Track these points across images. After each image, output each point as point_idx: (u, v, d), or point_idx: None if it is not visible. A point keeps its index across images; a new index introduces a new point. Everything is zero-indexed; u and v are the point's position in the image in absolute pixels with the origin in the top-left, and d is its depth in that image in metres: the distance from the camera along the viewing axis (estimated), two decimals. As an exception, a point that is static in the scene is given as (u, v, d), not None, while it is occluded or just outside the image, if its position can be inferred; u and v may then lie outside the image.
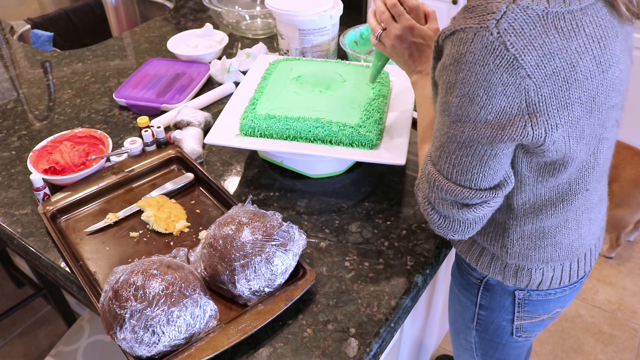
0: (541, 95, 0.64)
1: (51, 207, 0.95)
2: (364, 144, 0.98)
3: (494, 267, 0.91)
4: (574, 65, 0.65)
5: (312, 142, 0.99)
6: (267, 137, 1.00)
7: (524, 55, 0.62)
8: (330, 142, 0.99)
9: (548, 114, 0.65)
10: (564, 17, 0.64)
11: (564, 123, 0.67)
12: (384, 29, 0.92)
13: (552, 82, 0.64)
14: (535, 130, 0.66)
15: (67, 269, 0.89)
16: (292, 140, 0.99)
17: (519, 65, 0.62)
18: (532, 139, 0.67)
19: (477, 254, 0.92)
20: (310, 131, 0.99)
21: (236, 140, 1.00)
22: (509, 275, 0.90)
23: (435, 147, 0.74)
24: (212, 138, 1.00)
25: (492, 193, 0.73)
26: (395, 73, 1.16)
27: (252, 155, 1.13)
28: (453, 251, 1.00)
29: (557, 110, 0.66)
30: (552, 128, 0.66)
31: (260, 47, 1.43)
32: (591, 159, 0.76)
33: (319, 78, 1.11)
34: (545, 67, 0.63)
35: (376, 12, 0.93)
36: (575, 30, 0.65)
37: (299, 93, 1.07)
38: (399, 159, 0.96)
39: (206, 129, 1.18)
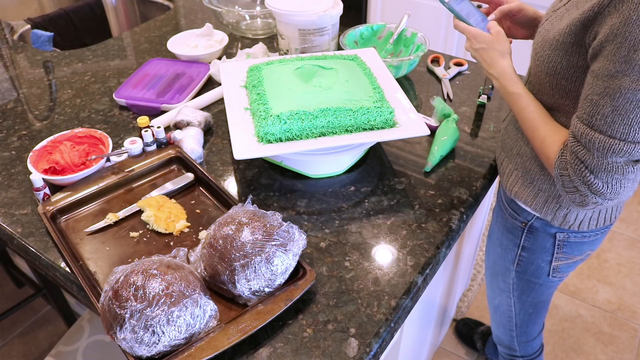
0: None
1: (51, 207, 0.95)
2: (388, 122, 1.00)
3: (547, 208, 1.00)
4: None
5: (336, 134, 0.98)
6: (290, 139, 0.96)
7: None
8: (350, 130, 0.98)
9: None
10: None
11: None
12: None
13: None
14: None
15: (67, 269, 0.89)
16: (318, 136, 0.97)
17: None
18: None
19: (534, 195, 1.01)
20: (334, 123, 0.97)
21: (268, 149, 0.94)
22: (560, 215, 1.00)
23: (603, 114, 0.76)
24: (240, 153, 0.93)
25: None
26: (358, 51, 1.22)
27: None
28: (451, 252, 1.00)
29: None
30: None
31: (260, 47, 1.43)
32: None
33: (307, 74, 1.08)
34: None
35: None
36: None
37: (299, 91, 1.03)
38: (424, 130, 0.99)
39: (206, 129, 1.18)
